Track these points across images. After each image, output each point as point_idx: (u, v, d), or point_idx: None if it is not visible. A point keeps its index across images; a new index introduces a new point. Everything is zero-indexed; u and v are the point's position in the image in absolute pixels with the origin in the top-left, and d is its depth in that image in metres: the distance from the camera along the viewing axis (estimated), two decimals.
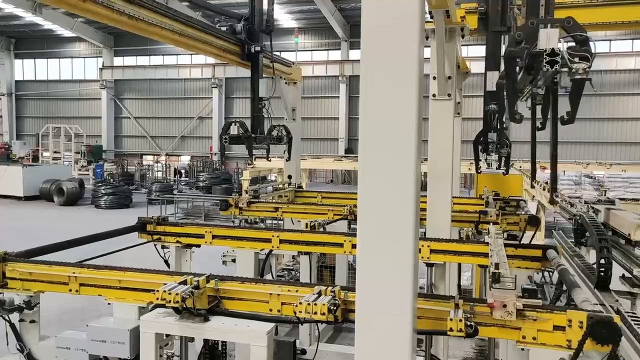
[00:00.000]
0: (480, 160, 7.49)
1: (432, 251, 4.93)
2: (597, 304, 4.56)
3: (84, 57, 42.42)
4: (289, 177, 9.81)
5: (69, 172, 29.32)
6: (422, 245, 4.90)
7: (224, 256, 7.73)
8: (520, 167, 20.99)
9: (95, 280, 3.91)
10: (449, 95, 5.75)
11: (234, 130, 7.87)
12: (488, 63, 7.00)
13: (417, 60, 2.40)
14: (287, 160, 9.83)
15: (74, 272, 3.96)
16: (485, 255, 4.88)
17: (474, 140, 6.97)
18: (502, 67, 6.55)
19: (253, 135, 7.78)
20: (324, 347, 6.85)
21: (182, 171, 35.84)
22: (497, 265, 3.06)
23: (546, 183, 13.74)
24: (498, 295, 2.83)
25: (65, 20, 35.23)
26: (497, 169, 7.20)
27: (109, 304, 3.86)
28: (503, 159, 7.28)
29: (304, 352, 6.85)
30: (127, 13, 5.39)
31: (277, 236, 5.45)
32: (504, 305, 2.82)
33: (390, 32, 2.41)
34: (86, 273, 3.96)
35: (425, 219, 5.76)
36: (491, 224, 5.47)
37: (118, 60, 41.35)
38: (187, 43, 6.82)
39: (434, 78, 5.70)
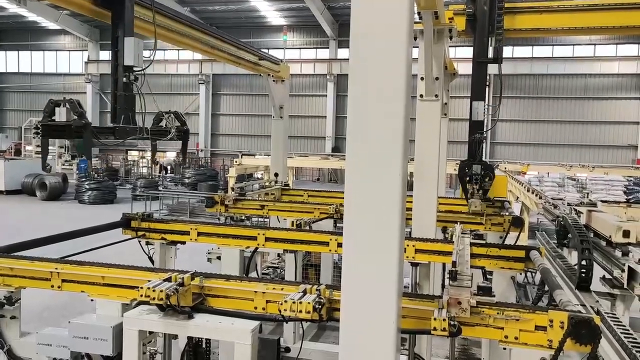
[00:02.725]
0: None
1: (417, 251, 4.97)
2: (578, 305, 4.65)
3: (69, 50, 41.86)
4: (276, 175, 9.79)
5: (52, 167, 28.92)
6: (407, 245, 4.93)
7: (209, 253, 7.70)
8: (505, 168, 21.18)
9: (78, 277, 3.87)
10: (436, 96, 5.78)
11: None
12: (474, 93, 7.06)
13: (406, 61, 2.42)
14: (181, 164, 8.51)
15: (56, 268, 3.91)
16: (471, 255, 4.92)
17: (459, 172, 7.01)
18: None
19: (115, 125, 5.27)
20: (308, 345, 6.87)
21: (168, 167, 35.57)
22: (454, 264, 3.17)
23: (529, 183, 13.90)
24: (453, 293, 2.89)
25: (50, 12, 34.74)
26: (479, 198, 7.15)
27: (91, 300, 3.83)
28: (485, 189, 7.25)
29: (288, 350, 6.84)
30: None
31: (263, 234, 5.45)
32: (459, 303, 2.88)
33: (380, 33, 2.42)
34: (69, 269, 3.91)
35: (410, 219, 5.80)
36: (458, 222, 5.54)
37: (104, 54, 40.85)
38: None
39: (422, 79, 5.72)
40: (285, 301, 3.05)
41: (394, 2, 2.38)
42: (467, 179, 6.85)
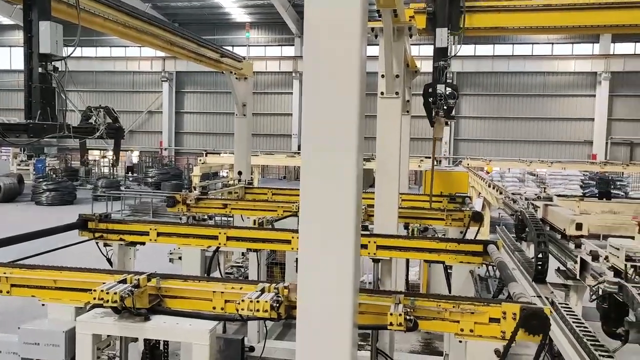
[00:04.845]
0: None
1: (378, 247, 4.99)
2: (534, 296, 4.77)
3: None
4: (239, 173, 9.70)
5: (7, 167, 27.89)
6: (369, 242, 4.95)
7: (170, 254, 7.57)
8: (468, 164, 21.61)
9: (28, 281, 3.72)
10: (397, 93, 5.82)
11: None
12: (439, 20, 7.21)
13: (359, 58, 2.42)
14: (113, 165, 7.42)
15: (4, 273, 3.75)
16: (431, 250, 5.00)
17: (423, 92, 7.13)
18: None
19: (29, 122, 4.63)
20: (272, 344, 6.85)
21: (127, 165, 34.71)
22: None
23: (492, 180, 14.23)
24: (294, 280, 2.97)
25: (4, 6, 33.40)
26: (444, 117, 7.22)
27: (43, 305, 3.69)
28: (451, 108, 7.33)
29: (252, 349, 6.83)
30: (65, 1, 5.17)
31: (224, 233, 5.37)
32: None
33: (333, 29, 2.42)
34: (18, 273, 3.76)
35: (373, 215, 5.83)
36: None
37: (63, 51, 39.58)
38: None
39: (382, 76, 5.75)
40: (243, 300, 3.02)
41: None
42: (432, 99, 6.96)
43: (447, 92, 6.88)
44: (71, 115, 6.39)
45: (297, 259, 7.85)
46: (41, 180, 23.50)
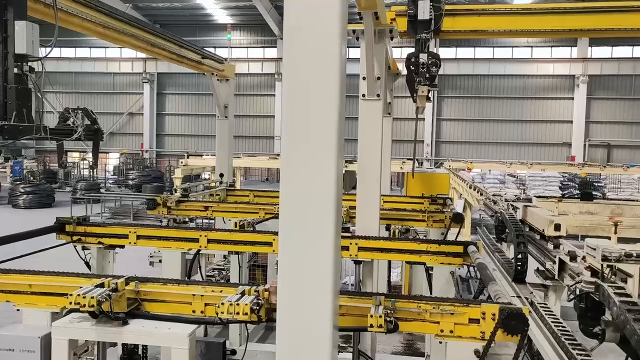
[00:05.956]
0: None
1: (360, 248, 5.00)
2: (513, 296, 4.82)
3: None
4: (221, 175, 9.64)
5: None
6: (350, 243, 4.96)
7: (150, 257, 7.48)
8: (450, 166, 21.79)
9: (2, 285, 3.63)
10: (378, 95, 5.83)
11: None
12: None
13: (339, 60, 2.42)
14: (91, 167, 7.61)
15: None
16: (412, 252, 5.02)
17: (406, 63, 7.19)
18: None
19: (4, 123, 4.43)
20: (254, 347, 6.83)
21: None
22: None
23: (473, 181, 14.37)
24: (274, 282, 2.97)
25: None
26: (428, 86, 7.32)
27: (17, 310, 3.62)
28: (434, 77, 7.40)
29: (234, 352, 6.78)
30: (42, 1, 5.08)
31: (205, 236, 5.33)
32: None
33: (312, 30, 2.42)
34: None
35: (355, 217, 5.83)
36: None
37: (40, 51, 38.92)
38: None
39: (364, 78, 5.76)
40: (222, 303, 2.99)
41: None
42: (414, 69, 7.03)
43: (430, 61, 6.97)
44: (50, 116, 6.29)
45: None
46: (18, 182, 23.09)
